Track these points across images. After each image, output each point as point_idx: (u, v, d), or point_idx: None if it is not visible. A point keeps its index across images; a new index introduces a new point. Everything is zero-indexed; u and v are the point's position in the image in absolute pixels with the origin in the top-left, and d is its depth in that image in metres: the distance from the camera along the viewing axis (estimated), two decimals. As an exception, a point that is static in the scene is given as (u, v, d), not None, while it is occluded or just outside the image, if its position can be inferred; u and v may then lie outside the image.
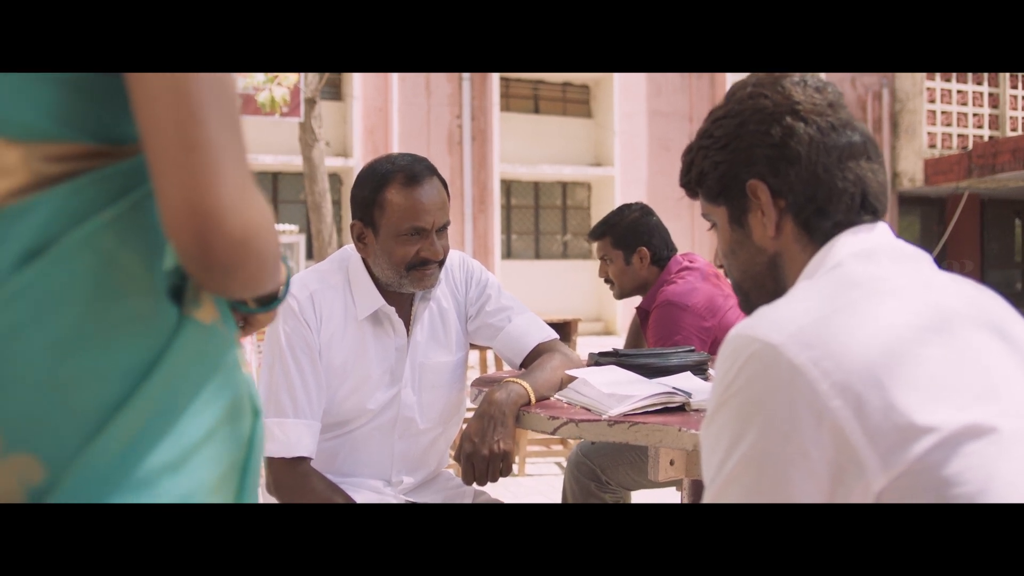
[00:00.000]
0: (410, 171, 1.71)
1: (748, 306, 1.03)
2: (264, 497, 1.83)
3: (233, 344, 0.77)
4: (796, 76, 0.99)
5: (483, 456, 1.55)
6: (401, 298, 1.82)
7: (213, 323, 0.74)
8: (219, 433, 0.72)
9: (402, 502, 1.85)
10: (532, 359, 1.84)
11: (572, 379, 1.73)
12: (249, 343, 6.86)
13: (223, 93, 0.66)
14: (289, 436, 1.67)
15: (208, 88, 0.65)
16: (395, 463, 1.84)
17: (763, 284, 1.00)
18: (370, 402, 1.78)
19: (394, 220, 1.69)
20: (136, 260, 0.69)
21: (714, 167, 1.00)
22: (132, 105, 0.66)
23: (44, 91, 0.67)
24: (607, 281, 2.81)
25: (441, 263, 1.77)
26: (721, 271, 2.53)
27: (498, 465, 1.56)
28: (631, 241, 2.71)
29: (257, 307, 0.88)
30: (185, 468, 0.68)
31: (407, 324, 1.83)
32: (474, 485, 1.63)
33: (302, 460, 1.69)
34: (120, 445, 0.65)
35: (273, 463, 1.69)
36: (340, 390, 1.76)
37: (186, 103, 0.64)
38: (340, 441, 1.80)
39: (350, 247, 1.86)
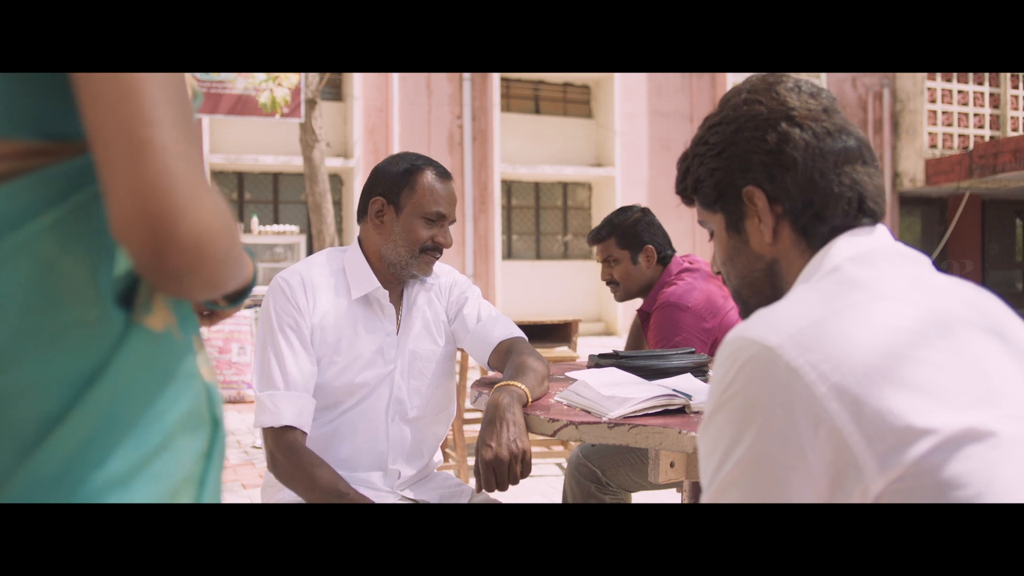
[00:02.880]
0: (441, 167, 1.91)
1: (748, 313, 1.02)
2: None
3: (190, 352, 0.73)
4: (790, 81, 0.99)
5: (503, 459, 1.56)
6: (392, 288, 1.92)
7: (166, 330, 0.70)
8: (172, 445, 0.69)
9: (400, 501, 1.87)
10: (498, 355, 1.90)
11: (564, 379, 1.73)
12: (250, 339, 6.86)
13: (173, 92, 0.63)
14: (279, 407, 1.75)
15: (157, 87, 0.62)
16: (391, 448, 1.88)
17: (761, 290, 1.00)
18: (359, 377, 1.84)
19: (423, 201, 1.85)
20: (78, 266, 0.66)
21: (710, 174, 1.00)
22: (79, 105, 0.63)
23: None
24: (610, 283, 2.79)
25: (441, 254, 1.91)
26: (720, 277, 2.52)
27: (517, 467, 1.57)
28: (637, 240, 2.71)
29: (226, 304, 0.86)
30: (133, 483, 0.65)
31: (397, 313, 1.93)
32: (487, 491, 1.63)
33: (291, 430, 1.75)
34: (61, 459, 0.63)
35: (267, 435, 1.76)
36: (332, 368, 1.83)
37: (133, 102, 0.61)
38: (336, 424, 1.85)
39: (329, 248, 1.99)
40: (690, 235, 14.03)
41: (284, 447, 1.73)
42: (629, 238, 2.71)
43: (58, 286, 0.65)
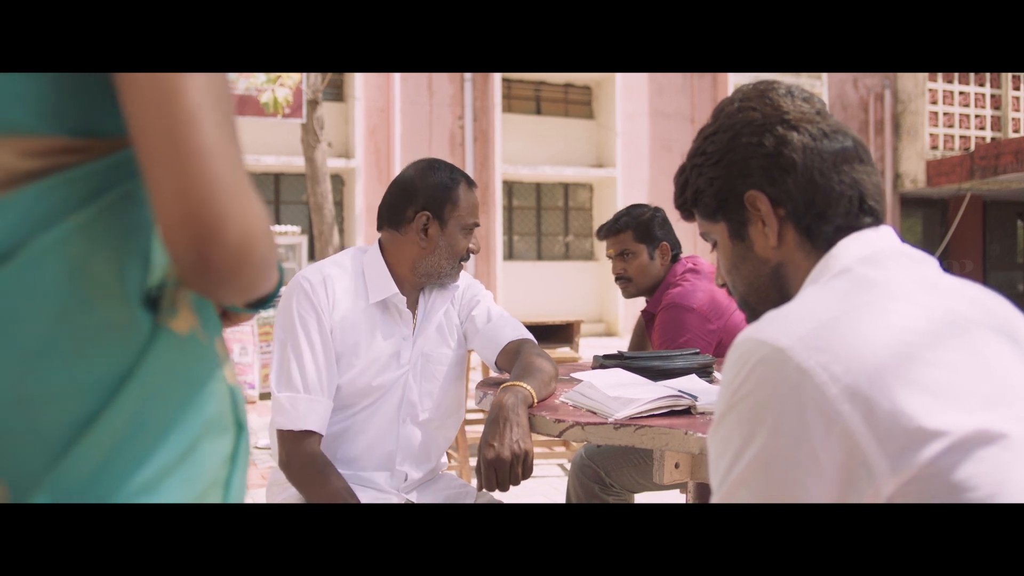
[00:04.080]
0: (469, 177, 1.96)
1: (755, 320, 1.02)
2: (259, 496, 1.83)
3: (214, 354, 0.72)
4: (782, 88, 0.99)
5: (505, 459, 1.57)
6: (410, 294, 1.93)
7: (191, 332, 0.70)
8: (198, 449, 0.68)
9: (405, 502, 1.87)
10: (506, 356, 1.92)
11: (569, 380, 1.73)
12: (251, 339, 6.86)
13: (218, 96, 0.63)
14: (298, 410, 1.75)
15: (202, 91, 0.62)
16: (400, 450, 1.89)
17: (768, 295, 1.00)
18: (375, 380, 1.85)
19: (464, 215, 1.91)
20: (108, 267, 0.65)
21: (710, 183, 1.00)
22: (123, 109, 0.62)
23: (27, 85, 0.63)
24: (619, 279, 2.73)
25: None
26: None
27: (518, 468, 1.58)
28: (654, 235, 2.69)
29: (247, 308, 0.83)
30: (161, 487, 0.65)
31: (414, 316, 1.94)
32: (487, 490, 1.63)
33: (310, 435, 1.75)
34: (91, 464, 0.62)
35: (283, 436, 1.76)
36: (350, 371, 1.83)
37: (179, 108, 0.60)
38: (347, 424, 1.86)
39: (353, 248, 1.98)
40: (693, 235, 14.03)
41: (302, 453, 1.73)
42: (647, 233, 2.69)
43: (88, 288, 0.63)
